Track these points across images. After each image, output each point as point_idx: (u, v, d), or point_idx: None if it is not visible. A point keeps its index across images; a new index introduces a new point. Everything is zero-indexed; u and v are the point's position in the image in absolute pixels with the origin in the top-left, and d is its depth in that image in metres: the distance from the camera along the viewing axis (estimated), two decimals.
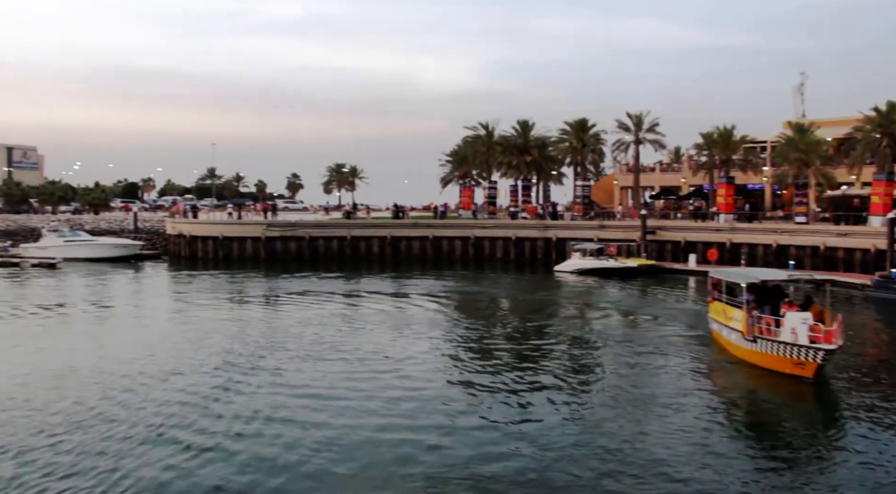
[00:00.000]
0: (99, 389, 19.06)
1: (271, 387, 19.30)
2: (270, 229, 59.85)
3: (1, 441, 14.94)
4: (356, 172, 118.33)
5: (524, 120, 72.97)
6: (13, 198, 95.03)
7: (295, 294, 39.15)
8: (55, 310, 33.32)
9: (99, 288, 43.21)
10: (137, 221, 71.51)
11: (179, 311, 34.28)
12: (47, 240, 60.37)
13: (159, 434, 15.40)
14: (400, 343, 25.63)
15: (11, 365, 21.96)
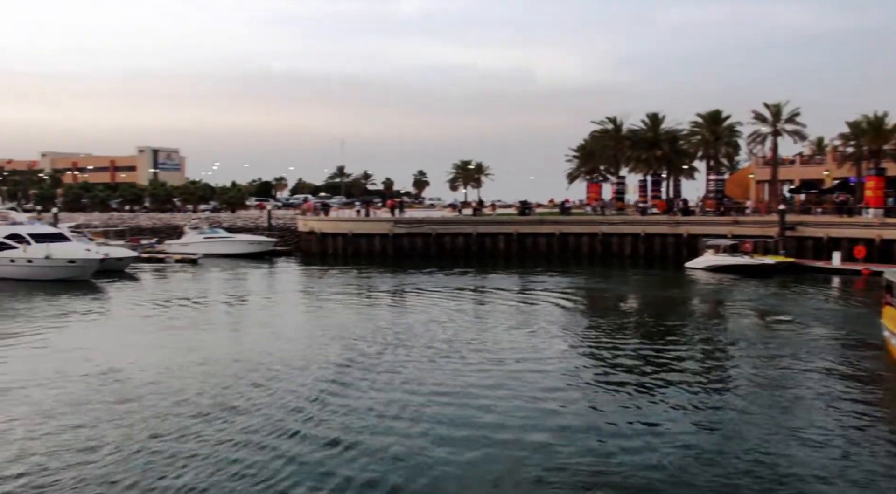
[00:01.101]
0: (230, 381, 19.60)
1: (395, 384, 19.29)
2: (398, 226, 60.67)
3: (147, 429, 15.55)
4: (482, 169, 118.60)
5: (654, 113, 71.11)
6: (159, 197, 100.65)
7: (421, 290, 39.39)
8: (197, 303, 34.81)
9: (236, 282, 44.98)
10: (271, 219, 74.11)
11: (310, 306, 35.18)
12: (189, 237, 63.45)
13: (282, 427, 15.62)
14: (526, 340, 25.22)
15: (162, 355, 22.96)
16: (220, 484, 12.63)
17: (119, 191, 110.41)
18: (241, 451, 14.16)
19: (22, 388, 18.82)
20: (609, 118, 73.65)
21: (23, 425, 15.81)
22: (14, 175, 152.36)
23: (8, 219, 52.60)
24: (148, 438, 14.87)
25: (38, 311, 32.43)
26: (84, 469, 13.26)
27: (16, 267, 43.58)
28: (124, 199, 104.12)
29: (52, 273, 42.71)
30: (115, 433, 15.20)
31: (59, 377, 19.95)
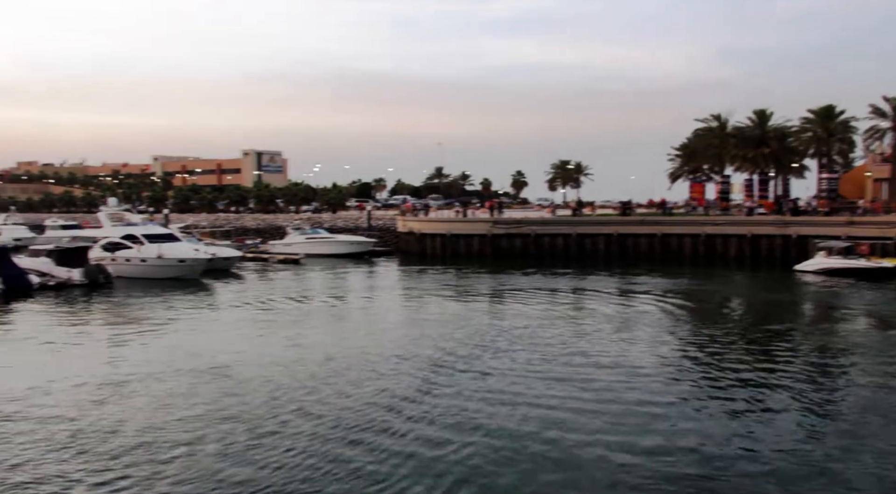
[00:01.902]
0: (327, 377, 19.86)
1: (492, 386, 19.09)
2: (496, 226, 60.54)
3: (250, 422, 15.91)
4: (581, 169, 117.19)
5: (761, 109, 68.55)
6: (262, 198, 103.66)
7: (519, 291, 39.12)
8: (299, 302, 35.58)
9: (336, 281, 45.80)
10: (371, 219, 75.21)
11: (408, 305, 35.45)
12: (291, 237, 65.05)
13: (375, 424, 15.70)
14: (626, 344, 24.58)
15: (265, 351, 23.53)
16: (312, 479, 12.77)
17: (225, 193, 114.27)
18: (335, 447, 14.32)
19: (140, 381, 19.59)
20: (713, 115, 71.56)
21: (141, 415, 16.44)
22: (129, 178, 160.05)
23: (123, 220, 55.13)
24: (250, 430, 15.23)
25: (151, 308, 33.85)
26: (191, 460, 13.66)
27: (131, 265, 45.63)
28: (230, 201, 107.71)
29: (164, 271, 44.52)
30: (221, 426, 15.61)
31: (173, 370, 20.70)
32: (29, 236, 69.43)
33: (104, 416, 16.46)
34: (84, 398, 18.00)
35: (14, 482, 12.72)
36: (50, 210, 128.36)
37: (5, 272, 38.93)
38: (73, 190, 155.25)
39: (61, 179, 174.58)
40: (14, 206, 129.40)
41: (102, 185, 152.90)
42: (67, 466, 13.45)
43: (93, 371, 20.73)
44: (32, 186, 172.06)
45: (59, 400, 17.86)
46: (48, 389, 18.79)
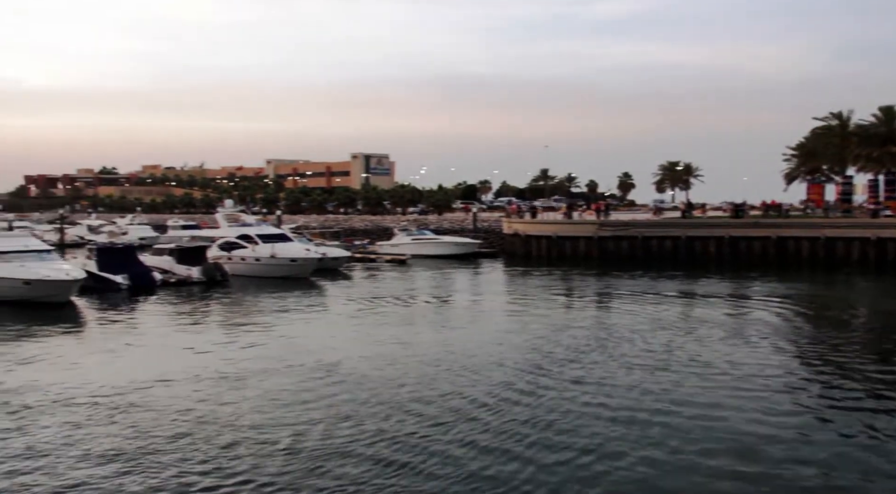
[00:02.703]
0: (431, 376, 20.06)
1: (593, 393, 18.79)
2: (603, 228, 59.70)
3: (352, 418, 16.27)
4: (691, 170, 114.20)
5: (888, 105, 64.88)
6: (370, 200, 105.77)
7: (625, 294, 38.42)
8: (405, 301, 36.10)
9: (442, 282, 46.22)
10: (476, 221, 75.47)
11: (512, 307, 35.38)
12: (398, 239, 66.04)
13: (473, 426, 15.72)
14: (739, 352, 23.60)
15: (373, 349, 24.02)
16: (414, 477, 12.94)
17: (334, 195, 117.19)
18: (437, 446, 14.45)
19: (254, 376, 20.34)
20: (833, 113, 68.42)
21: (254, 408, 17.08)
22: (244, 180, 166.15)
23: (239, 220, 57.33)
24: (356, 425, 15.56)
25: (264, 305, 35.11)
26: (297, 453, 14.07)
27: (246, 264, 47.41)
28: (339, 203, 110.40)
29: (277, 270, 46.03)
30: (328, 421, 16.03)
31: (285, 366, 21.38)
32: (152, 236, 73.11)
33: (221, 408, 17.18)
34: (202, 391, 18.83)
35: (137, 464, 13.45)
36: (171, 211, 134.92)
37: (132, 269, 41.23)
38: (193, 192, 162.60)
39: (182, 182, 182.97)
40: (139, 208, 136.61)
41: (219, 188, 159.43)
42: (184, 454, 14.11)
43: (210, 365, 21.66)
44: (156, 189, 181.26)
45: (179, 391, 18.75)
46: (169, 381, 19.75)
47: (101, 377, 20.26)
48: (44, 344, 25.65)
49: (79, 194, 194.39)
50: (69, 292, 35.12)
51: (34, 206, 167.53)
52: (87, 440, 14.96)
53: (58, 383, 19.56)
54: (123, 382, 19.50)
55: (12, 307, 33.47)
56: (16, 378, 20.29)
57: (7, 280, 34.82)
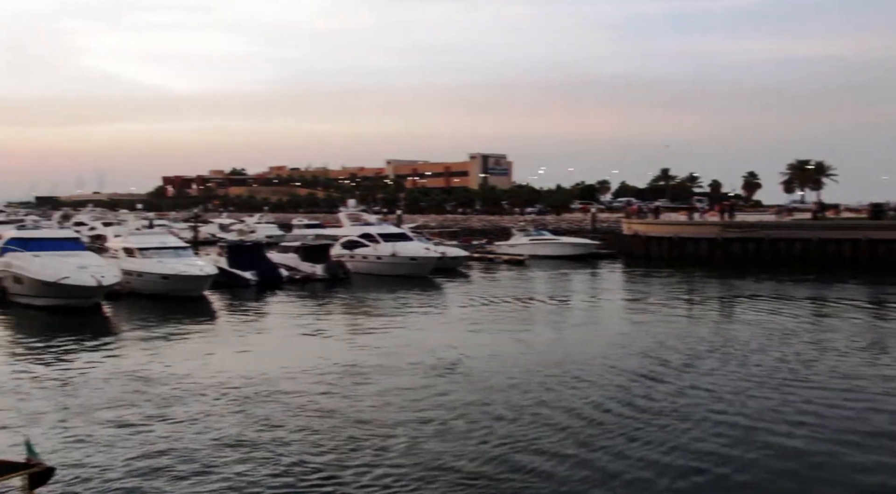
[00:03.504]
0: (547, 377, 19.89)
1: (715, 404, 18.10)
2: (727, 230, 57.64)
3: (464, 418, 16.35)
4: (823, 169, 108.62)
5: None
6: (488, 200, 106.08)
7: (751, 298, 36.93)
8: (523, 302, 36.01)
9: (559, 283, 45.85)
10: (595, 221, 74.44)
11: (630, 309, 34.71)
12: (516, 239, 65.91)
13: (592, 430, 15.47)
14: (879, 365, 22.29)
15: (491, 349, 24.09)
16: (537, 476, 12.88)
17: (453, 195, 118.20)
18: (552, 446, 14.35)
19: (376, 372, 20.77)
20: None
21: (374, 403, 17.46)
22: (365, 181, 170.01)
23: (361, 220, 58.69)
24: (472, 423, 15.64)
25: (385, 303, 35.83)
26: (412, 449, 14.27)
27: (367, 262, 48.51)
28: (457, 203, 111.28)
29: (397, 269, 46.85)
30: (445, 418, 16.19)
31: (405, 364, 21.74)
32: (278, 234, 75.68)
33: (342, 402, 17.64)
34: (325, 385, 19.39)
35: (261, 453, 14.00)
36: (296, 210, 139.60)
37: (260, 266, 42.96)
38: (317, 192, 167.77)
39: (306, 182, 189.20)
40: (266, 207, 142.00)
41: (342, 188, 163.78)
42: (306, 445, 14.56)
43: (333, 360, 22.26)
44: (282, 189, 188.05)
45: (303, 384, 19.37)
46: (294, 374, 20.44)
47: (231, 368, 21.19)
48: (179, 336, 27.11)
49: (211, 194, 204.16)
50: (202, 287, 36.94)
51: (171, 206, 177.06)
52: (216, 428, 15.69)
53: (191, 373, 20.61)
54: (251, 374, 20.33)
55: (151, 300, 35.51)
56: (155, 367, 21.50)
57: (148, 274, 37.01)
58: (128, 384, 19.47)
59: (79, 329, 28.23)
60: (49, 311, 31.95)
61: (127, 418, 16.38)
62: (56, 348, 24.88)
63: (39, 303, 32.88)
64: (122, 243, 41.31)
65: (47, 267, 32.88)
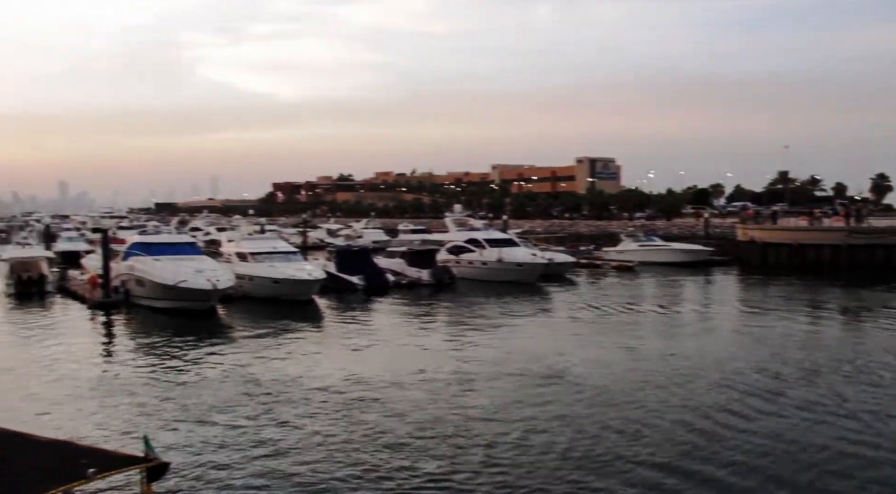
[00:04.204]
0: (658, 388, 19.05)
1: (846, 425, 16.88)
2: (853, 236, 54.44)
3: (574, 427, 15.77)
4: None
5: None
6: (596, 205, 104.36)
7: (881, 309, 34.59)
8: (631, 309, 34.95)
9: (669, 290, 44.36)
10: (708, 227, 71.96)
11: (743, 319, 33.04)
12: (625, 245, 64.29)
13: (701, 445, 14.60)
14: None
15: (598, 356, 23.41)
16: None
17: (559, 200, 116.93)
18: (662, 458, 13.62)
19: (483, 380, 20.47)
20: None
21: (482, 413, 17.11)
22: (470, 186, 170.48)
23: (467, 225, 58.59)
24: (579, 432, 15.10)
25: (491, 309, 35.46)
26: (520, 457, 13.84)
27: (473, 268, 48.32)
28: (564, 207, 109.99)
29: (503, 274, 46.45)
30: (553, 428, 15.69)
31: (512, 371, 21.35)
32: (385, 239, 76.59)
33: (450, 409, 17.41)
34: (432, 390, 19.22)
35: (366, 457, 13.88)
36: (402, 215, 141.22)
37: (367, 271, 43.42)
38: (422, 197, 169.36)
39: (412, 187, 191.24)
40: (373, 212, 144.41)
41: (447, 193, 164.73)
42: (412, 452, 14.37)
43: (439, 366, 22.12)
44: (388, 194, 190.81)
45: (410, 390, 19.29)
46: (400, 379, 20.36)
47: (338, 372, 21.33)
48: (288, 339, 27.59)
49: (319, 200, 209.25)
50: (311, 291, 37.60)
51: (280, 211, 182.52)
52: (322, 431, 15.76)
53: (299, 376, 20.87)
54: (358, 378, 20.41)
55: (262, 303, 36.38)
56: (265, 369, 21.89)
57: (259, 278, 37.98)
58: (239, 385, 19.88)
59: (195, 330, 29.16)
60: (167, 313, 33.19)
61: (237, 419, 16.71)
62: (174, 349, 25.78)
63: (159, 305, 34.21)
64: (235, 248, 42.59)
65: (166, 270, 34.18)
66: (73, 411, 17.76)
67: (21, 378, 21.41)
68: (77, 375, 21.73)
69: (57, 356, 24.60)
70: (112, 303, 35.62)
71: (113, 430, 15.93)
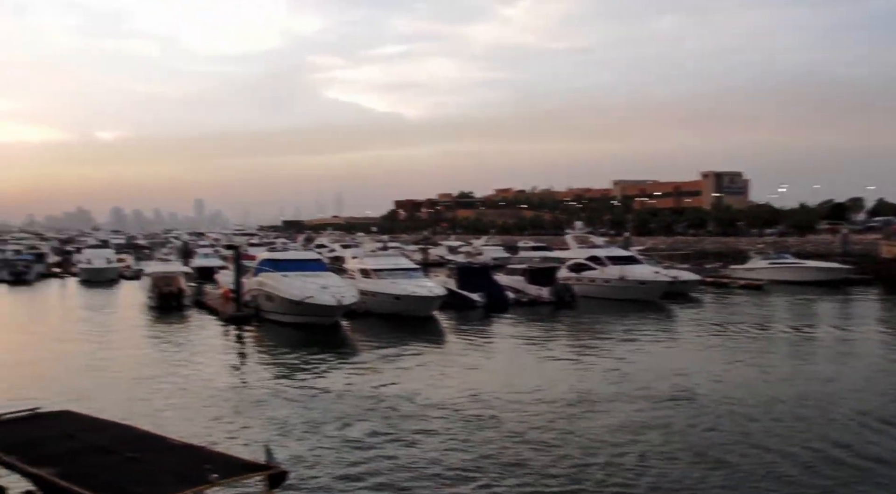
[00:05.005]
0: (792, 414, 18.05)
1: None
2: None
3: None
4: None
5: None
6: (722, 221, 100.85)
7: None
8: (760, 330, 33.44)
9: (802, 311, 42.24)
10: (846, 243, 68.19)
11: (890, 342, 30.98)
12: (754, 262, 61.74)
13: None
14: None
15: (729, 378, 22.49)
16: None
17: (684, 216, 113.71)
18: None
19: (607, 401, 20.03)
20: None
21: (607, 436, 16.72)
22: (591, 202, 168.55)
23: (587, 242, 57.81)
24: (701, 463, 14.48)
25: (613, 328, 34.77)
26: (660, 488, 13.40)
27: (594, 286, 47.55)
28: (689, 224, 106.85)
29: (625, 293, 45.48)
30: (681, 456, 15.14)
31: (637, 393, 20.78)
32: (504, 256, 76.65)
33: (572, 431, 17.08)
34: (554, 411, 18.93)
35: (487, 478, 13.79)
36: (522, 232, 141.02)
37: (488, 288, 43.48)
38: (542, 214, 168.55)
39: (532, 204, 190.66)
40: (493, 229, 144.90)
41: (568, 209, 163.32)
42: (529, 474, 14.17)
43: (561, 386, 21.79)
44: (508, 211, 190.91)
45: (531, 410, 19.05)
46: (519, 399, 20.18)
47: (457, 389, 21.39)
48: (409, 355, 27.90)
49: (440, 217, 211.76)
50: (432, 307, 37.96)
51: (402, 228, 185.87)
52: (440, 449, 15.78)
53: (419, 392, 21.03)
54: (477, 396, 20.37)
55: (384, 319, 37.02)
56: (385, 385, 22.21)
57: (381, 295, 38.69)
58: (359, 400, 20.24)
59: (319, 345, 29.99)
60: (294, 327, 34.28)
61: (356, 432, 17.01)
62: (299, 362, 26.58)
63: (286, 320, 35.39)
64: (358, 264, 43.58)
65: (294, 286, 35.34)
66: (205, 418, 18.55)
67: (161, 385, 22.59)
68: (210, 384, 22.74)
69: (193, 366, 25.87)
70: (243, 317, 37.16)
71: (239, 438, 16.54)
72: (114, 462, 8.28)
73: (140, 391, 21.90)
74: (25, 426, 9.84)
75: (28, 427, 9.74)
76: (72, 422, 10.02)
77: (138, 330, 35.58)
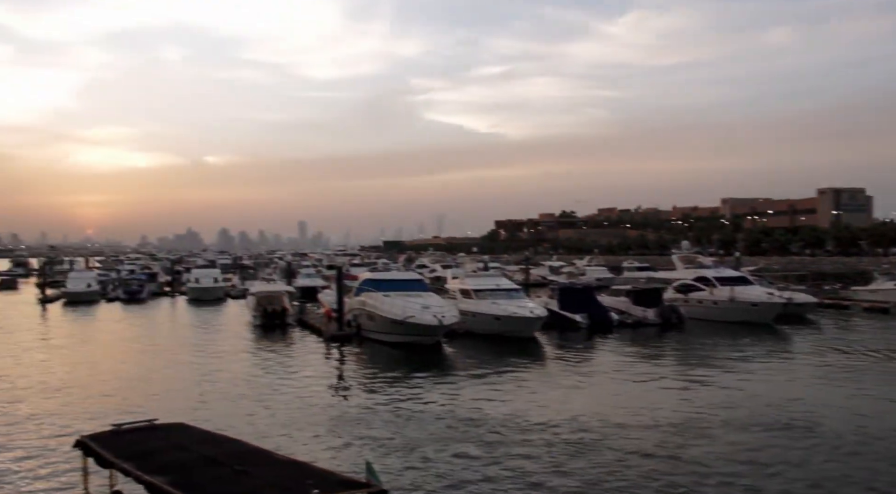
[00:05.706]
0: None
1: None
2: None
3: None
4: None
5: None
6: (842, 240, 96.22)
7: None
8: (888, 356, 31.37)
9: None
10: None
11: None
12: (878, 283, 58.22)
13: None
14: None
15: (852, 407, 21.16)
16: None
17: (799, 235, 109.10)
18: None
19: (718, 427, 19.14)
20: None
21: (718, 465, 15.92)
22: (699, 221, 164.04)
23: (695, 262, 56.00)
24: None
25: (723, 352, 33.36)
26: None
27: (703, 307, 45.90)
28: (804, 243, 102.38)
29: (736, 315, 43.69)
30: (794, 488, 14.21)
31: (749, 420, 19.79)
32: (608, 277, 75.27)
33: (680, 459, 16.34)
34: (660, 438, 18.18)
35: None
36: (626, 252, 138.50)
37: (591, 309, 42.65)
38: (647, 233, 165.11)
39: (636, 223, 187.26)
40: (596, 249, 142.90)
41: (673, 229, 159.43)
42: None
43: (667, 411, 20.96)
44: (611, 231, 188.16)
45: (635, 436, 18.34)
46: (623, 424, 19.48)
47: (557, 413, 20.85)
48: (510, 375, 27.52)
49: (541, 237, 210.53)
50: (533, 328, 37.46)
51: (503, 249, 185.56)
52: (536, 472, 15.37)
53: (518, 414, 20.65)
54: (577, 420, 19.82)
55: (484, 339, 36.77)
56: (485, 404, 21.95)
57: (482, 315, 38.50)
58: (460, 420, 20.03)
59: (420, 364, 30.00)
60: (395, 347, 34.46)
61: (456, 453, 16.80)
62: (400, 381, 26.64)
63: (388, 339, 35.63)
64: (459, 285, 43.55)
65: (395, 306, 35.58)
66: (308, 435, 18.74)
67: (267, 402, 23.03)
68: (313, 402, 23.02)
69: (295, 383, 26.31)
70: (345, 336, 37.66)
71: (340, 455, 16.62)
72: (222, 474, 8.64)
73: (245, 406, 22.40)
74: (142, 436, 10.41)
75: (144, 438, 10.31)
76: (185, 435, 10.51)
77: (244, 347, 36.57)
